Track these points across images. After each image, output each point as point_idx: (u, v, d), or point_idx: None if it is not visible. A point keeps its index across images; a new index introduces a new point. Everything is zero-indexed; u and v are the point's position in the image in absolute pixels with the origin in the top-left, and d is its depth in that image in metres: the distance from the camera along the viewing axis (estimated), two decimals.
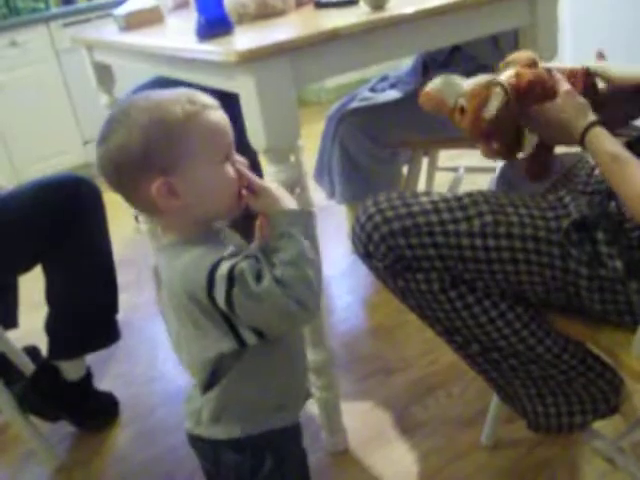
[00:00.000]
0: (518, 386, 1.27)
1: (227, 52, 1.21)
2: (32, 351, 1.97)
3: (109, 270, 1.73)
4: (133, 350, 2.17)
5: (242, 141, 1.56)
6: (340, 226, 2.68)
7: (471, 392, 1.72)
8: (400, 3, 1.39)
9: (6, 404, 1.65)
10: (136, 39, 1.77)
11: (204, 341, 0.94)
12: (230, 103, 2.63)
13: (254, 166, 2.83)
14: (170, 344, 1.04)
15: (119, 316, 1.81)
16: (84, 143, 4.02)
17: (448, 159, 2.92)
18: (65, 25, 3.96)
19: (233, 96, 1.31)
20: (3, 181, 1.80)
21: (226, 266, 0.86)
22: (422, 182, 2.49)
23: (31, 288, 1.86)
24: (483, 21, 1.46)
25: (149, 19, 1.96)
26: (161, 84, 2.74)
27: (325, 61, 1.29)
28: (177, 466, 1.65)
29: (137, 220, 2.99)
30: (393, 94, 2.15)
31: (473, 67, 2.08)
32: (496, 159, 1.20)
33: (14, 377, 1.79)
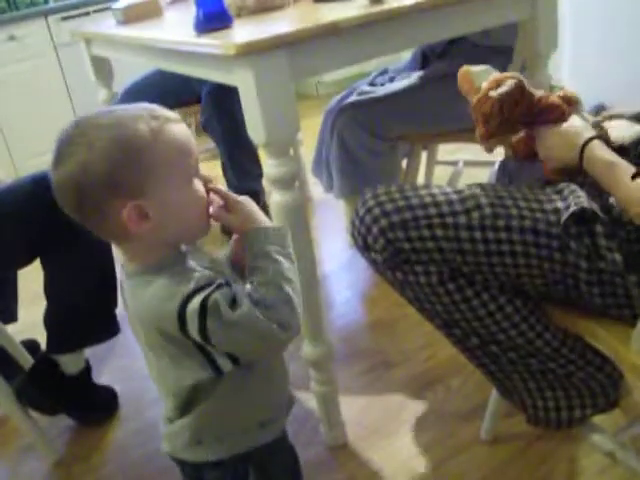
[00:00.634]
0: (517, 380, 1.27)
1: (226, 45, 1.21)
2: (31, 345, 1.97)
3: (108, 263, 1.73)
4: (132, 344, 2.14)
5: (241, 135, 1.56)
6: (338, 220, 2.67)
7: (470, 386, 1.73)
8: None
9: (5, 398, 1.65)
10: (134, 32, 1.76)
11: (179, 371, 0.91)
12: (229, 97, 2.63)
13: (253, 160, 2.83)
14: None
15: (118, 310, 1.80)
16: None
17: (447, 153, 2.91)
18: (63, 19, 3.96)
19: (232, 90, 1.30)
20: (2, 175, 1.79)
21: (197, 300, 0.82)
22: (421, 176, 2.48)
23: (30, 282, 1.86)
24: (483, 14, 1.46)
25: (147, 12, 1.95)
26: (160, 77, 2.74)
27: (324, 55, 1.29)
28: None
29: None
30: (392, 87, 2.15)
31: (472, 57, 2.08)
32: (485, 144, 1.24)
33: (13, 371, 1.79)
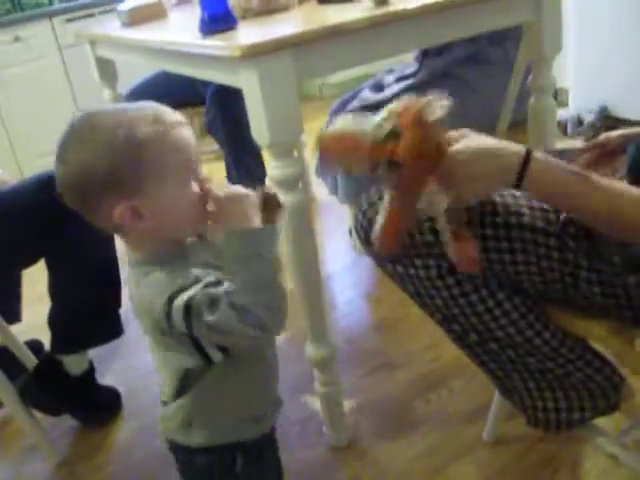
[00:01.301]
0: (517, 380, 1.27)
1: (230, 47, 1.21)
2: (35, 345, 1.97)
3: (112, 264, 1.73)
4: (136, 345, 2.17)
5: (246, 136, 1.56)
6: (342, 221, 2.68)
7: (473, 388, 1.72)
8: None
9: (9, 398, 1.65)
10: (139, 34, 1.77)
11: (172, 357, 0.95)
12: (233, 99, 2.62)
13: (258, 162, 2.83)
14: None
15: (122, 311, 1.81)
16: None
17: None
18: (68, 20, 3.97)
19: (236, 91, 1.31)
20: (7, 175, 1.80)
21: (182, 298, 0.84)
22: None
23: (34, 282, 1.86)
24: (487, 16, 1.46)
25: (152, 14, 1.96)
26: (165, 79, 2.75)
27: (328, 56, 1.29)
28: None
29: None
30: (394, 89, 2.15)
31: (471, 51, 2.09)
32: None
33: (17, 371, 1.80)
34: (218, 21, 1.36)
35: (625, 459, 1.28)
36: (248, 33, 1.38)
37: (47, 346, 1.80)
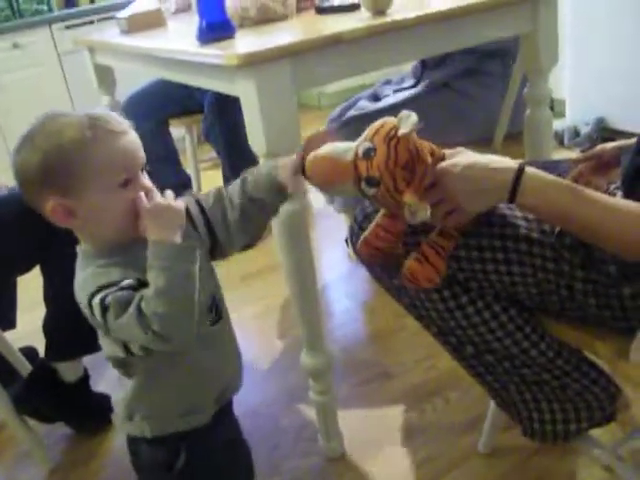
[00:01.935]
0: (513, 391, 1.27)
1: (228, 55, 1.21)
2: (29, 352, 1.96)
3: None
4: None
5: (243, 145, 1.57)
6: (339, 230, 2.68)
7: (468, 399, 1.72)
8: (402, 8, 1.40)
9: (2, 405, 1.65)
10: (138, 42, 1.77)
11: (105, 343, 1.01)
12: (231, 107, 2.63)
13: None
14: None
15: None
16: None
17: None
18: (67, 27, 3.97)
19: (234, 100, 1.31)
20: (3, 179, 1.80)
21: (98, 298, 0.89)
22: None
23: (29, 289, 1.86)
24: (485, 27, 1.47)
25: (151, 22, 1.96)
26: (163, 86, 2.75)
27: (326, 66, 1.30)
28: None
29: None
30: (393, 99, 2.15)
31: (469, 63, 2.09)
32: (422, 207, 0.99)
33: (11, 378, 1.79)
34: (216, 29, 1.37)
35: (620, 470, 1.28)
36: (246, 42, 1.38)
37: (42, 353, 1.79)
